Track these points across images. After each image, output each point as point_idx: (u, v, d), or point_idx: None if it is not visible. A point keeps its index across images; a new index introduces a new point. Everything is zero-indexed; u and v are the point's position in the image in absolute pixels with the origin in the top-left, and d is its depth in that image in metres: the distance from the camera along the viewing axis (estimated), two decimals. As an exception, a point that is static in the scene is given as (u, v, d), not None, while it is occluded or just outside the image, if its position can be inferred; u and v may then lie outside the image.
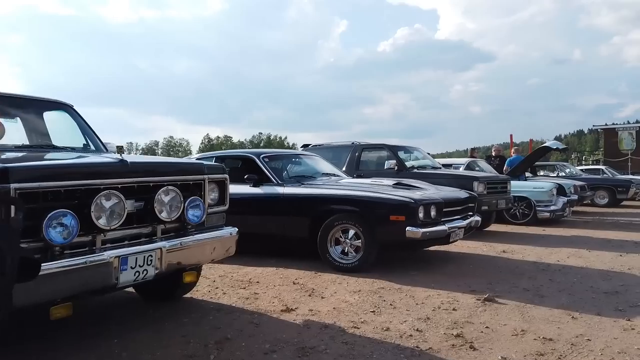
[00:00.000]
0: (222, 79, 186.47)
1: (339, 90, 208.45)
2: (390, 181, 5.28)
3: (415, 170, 7.98)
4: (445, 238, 4.78)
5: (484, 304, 3.72)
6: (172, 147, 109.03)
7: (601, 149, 32.94)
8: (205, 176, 3.17)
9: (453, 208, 4.97)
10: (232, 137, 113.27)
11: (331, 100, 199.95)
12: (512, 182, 10.00)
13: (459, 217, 5.04)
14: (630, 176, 16.38)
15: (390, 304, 3.70)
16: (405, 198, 4.47)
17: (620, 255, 5.90)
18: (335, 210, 4.78)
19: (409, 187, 5.09)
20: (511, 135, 22.28)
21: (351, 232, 4.75)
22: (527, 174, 13.73)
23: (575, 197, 10.47)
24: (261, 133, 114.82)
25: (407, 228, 4.38)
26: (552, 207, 9.40)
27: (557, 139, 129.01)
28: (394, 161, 7.98)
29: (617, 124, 27.18)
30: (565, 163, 16.39)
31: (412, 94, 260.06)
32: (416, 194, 4.70)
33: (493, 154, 12.62)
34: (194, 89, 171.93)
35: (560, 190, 10.42)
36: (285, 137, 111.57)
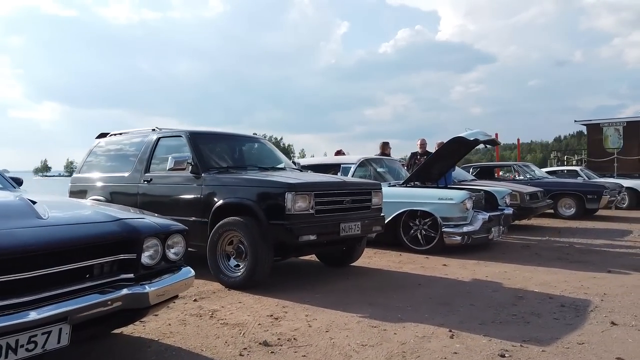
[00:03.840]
0: (224, 80, 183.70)
1: (340, 92, 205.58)
2: None
3: (217, 175, 4.87)
4: None
5: None
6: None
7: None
8: None
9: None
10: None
11: (332, 102, 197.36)
12: (413, 190, 6.97)
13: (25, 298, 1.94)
14: (606, 180, 13.30)
15: None
16: None
17: (503, 357, 2.81)
18: None
19: None
20: (496, 134, 19.25)
21: None
22: (469, 176, 10.67)
23: (510, 210, 7.37)
24: (255, 134, 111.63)
25: None
26: (466, 228, 6.31)
27: (557, 140, 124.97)
28: (188, 156, 4.90)
29: (603, 119, 24.00)
30: (528, 164, 13.26)
31: (413, 95, 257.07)
32: None
33: (419, 150, 9.52)
34: (195, 91, 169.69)
35: (491, 201, 7.36)
36: (281, 138, 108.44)
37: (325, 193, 4.49)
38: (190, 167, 4.88)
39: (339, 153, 10.18)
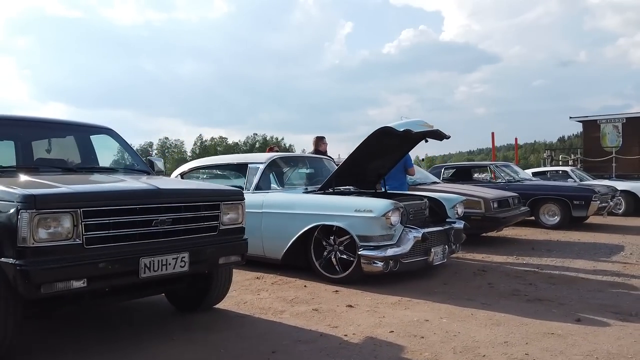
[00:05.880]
0: (228, 81, 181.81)
1: (344, 92, 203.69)
2: None
3: (24, 177, 3.18)
4: None
5: None
6: (167, 148, 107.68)
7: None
8: None
9: None
10: (227, 139, 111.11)
11: (336, 102, 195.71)
12: (325, 198, 5.28)
13: None
14: (599, 182, 11.57)
15: None
16: None
17: None
18: None
19: None
20: (492, 134, 17.93)
21: None
22: (431, 178, 8.96)
23: (461, 224, 5.65)
24: (256, 134, 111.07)
25: None
26: (391, 251, 4.61)
27: (561, 140, 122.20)
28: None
29: (600, 115, 22.19)
30: (508, 164, 11.51)
31: (417, 96, 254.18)
32: None
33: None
34: (200, 91, 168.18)
35: (439, 212, 5.65)
36: (282, 138, 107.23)
37: (110, 210, 2.79)
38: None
39: (271, 150, 8.53)
